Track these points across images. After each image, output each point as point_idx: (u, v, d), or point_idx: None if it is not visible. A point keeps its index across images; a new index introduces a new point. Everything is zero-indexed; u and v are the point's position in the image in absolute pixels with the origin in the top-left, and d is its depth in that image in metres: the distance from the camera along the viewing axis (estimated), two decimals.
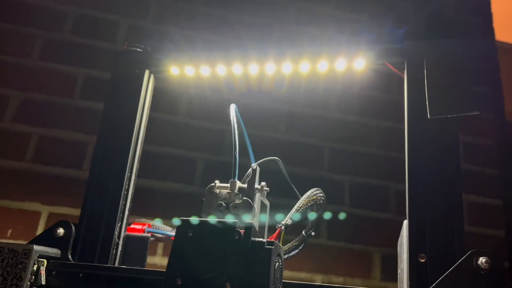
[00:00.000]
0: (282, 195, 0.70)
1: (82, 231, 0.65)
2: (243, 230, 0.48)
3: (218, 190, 0.64)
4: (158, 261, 1.15)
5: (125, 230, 0.67)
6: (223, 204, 0.60)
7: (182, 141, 1.27)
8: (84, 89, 1.27)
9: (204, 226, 0.49)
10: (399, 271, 0.60)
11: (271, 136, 1.32)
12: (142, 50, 0.75)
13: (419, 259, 0.55)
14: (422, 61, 0.62)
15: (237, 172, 0.61)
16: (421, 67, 0.62)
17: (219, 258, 0.47)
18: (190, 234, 0.49)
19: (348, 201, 1.30)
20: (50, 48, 1.29)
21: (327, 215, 0.67)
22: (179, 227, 0.50)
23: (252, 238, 0.47)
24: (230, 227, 0.48)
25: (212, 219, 0.52)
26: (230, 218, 0.60)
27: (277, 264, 0.47)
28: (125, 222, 0.67)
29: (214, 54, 0.72)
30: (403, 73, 0.64)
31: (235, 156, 0.61)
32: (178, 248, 0.49)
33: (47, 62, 1.28)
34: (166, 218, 0.81)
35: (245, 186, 0.63)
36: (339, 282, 1.22)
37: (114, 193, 0.67)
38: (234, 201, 0.61)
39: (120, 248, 0.66)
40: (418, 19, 1.40)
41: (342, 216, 1.24)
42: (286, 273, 0.51)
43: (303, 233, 0.68)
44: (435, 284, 0.52)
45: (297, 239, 0.68)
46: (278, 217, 0.65)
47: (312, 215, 0.67)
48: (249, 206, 0.60)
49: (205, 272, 0.46)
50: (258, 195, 0.63)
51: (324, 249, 1.24)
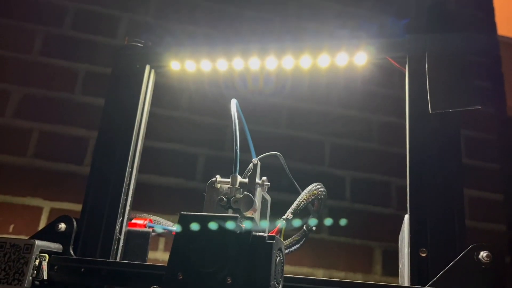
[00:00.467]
0: (283, 190, 0.70)
1: (83, 226, 0.66)
2: (244, 225, 0.48)
3: (219, 185, 0.64)
4: (160, 256, 1.15)
5: (126, 225, 0.67)
6: (224, 199, 0.60)
7: (183, 136, 1.27)
8: (85, 84, 1.27)
9: (205, 220, 0.49)
10: (400, 266, 0.60)
11: (272, 131, 1.32)
12: (142, 45, 0.75)
13: (420, 254, 0.55)
14: (423, 55, 0.62)
15: (238, 167, 0.61)
16: (422, 61, 0.62)
17: (220, 252, 0.47)
18: (191, 229, 0.49)
19: (349, 196, 1.30)
20: (51, 43, 1.29)
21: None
22: (180, 222, 0.50)
23: (253, 233, 0.47)
24: (231, 222, 0.48)
25: (213, 214, 0.52)
26: (231, 213, 0.60)
27: (278, 258, 0.47)
28: (126, 217, 0.67)
29: (215, 49, 0.72)
30: (405, 67, 0.64)
31: (236, 151, 0.61)
32: (179, 242, 0.49)
33: (48, 57, 1.27)
34: (167, 213, 0.81)
35: (246, 181, 0.63)
36: (340, 277, 1.22)
37: (115, 188, 0.67)
38: (235, 195, 0.61)
39: (121, 243, 0.66)
40: (420, 12, 1.39)
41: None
42: (287, 268, 0.51)
43: (304, 228, 0.68)
44: (436, 278, 0.52)
45: (298, 234, 0.68)
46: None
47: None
48: (250, 200, 0.60)
49: (206, 266, 0.46)
50: (259, 190, 0.63)
51: (325, 244, 1.24)
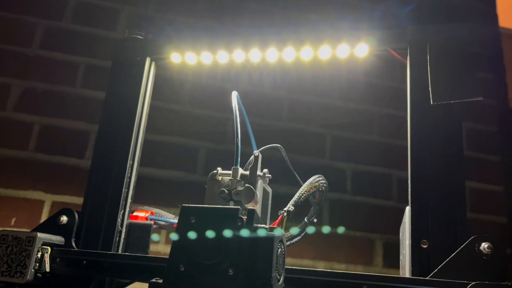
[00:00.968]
0: (284, 182, 0.70)
1: (85, 219, 0.66)
2: (246, 217, 0.48)
3: (220, 177, 0.64)
4: (161, 248, 1.16)
5: (128, 218, 0.67)
6: (226, 191, 0.60)
7: (184, 129, 1.26)
8: (85, 77, 1.27)
9: (206, 212, 0.49)
10: (401, 257, 0.60)
11: (273, 123, 1.32)
12: (143, 38, 0.75)
13: (422, 245, 0.55)
14: (425, 46, 0.62)
15: (239, 159, 0.61)
16: (424, 52, 0.61)
17: (222, 244, 0.47)
18: (193, 221, 0.49)
19: (350, 188, 1.30)
20: (51, 36, 1.28)
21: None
22: (182, 214, 0.50)
23: (254, 224, 0.48)
24: (233, 214, 0.48)
25: (214, 206, 0.52)
26: (232, 205, 0.60)
27: (279, 250, 0.47)
28: (128, 209, 0.67)
29: (215, 40, 0.72)
30: (406, 58, 0.64)
31: (237, 143, 0.61)
32: (180, 235, 0.49)
33: (48, 51, 1.27)
34: (169, 206, 0.81)
35: (247, 173, 0.63)
36: (341, 269, 1.22)
37: (116, 181, 0.67)
38: (236, 188, 0.61)
39: (123, 235, 0.66)
40: (421, 3, 1.38)
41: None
42: (288, 260, 0.51)
43: (306, 219, 0.68)
44: (437, 269, 0.52)
45: (299, 226, 0.68)
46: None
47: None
48: (251, 193, 0.60)
49: (207, 258, 0.46)
50: (260, 182, 0.63)
51: (326, 236, 1.25)
